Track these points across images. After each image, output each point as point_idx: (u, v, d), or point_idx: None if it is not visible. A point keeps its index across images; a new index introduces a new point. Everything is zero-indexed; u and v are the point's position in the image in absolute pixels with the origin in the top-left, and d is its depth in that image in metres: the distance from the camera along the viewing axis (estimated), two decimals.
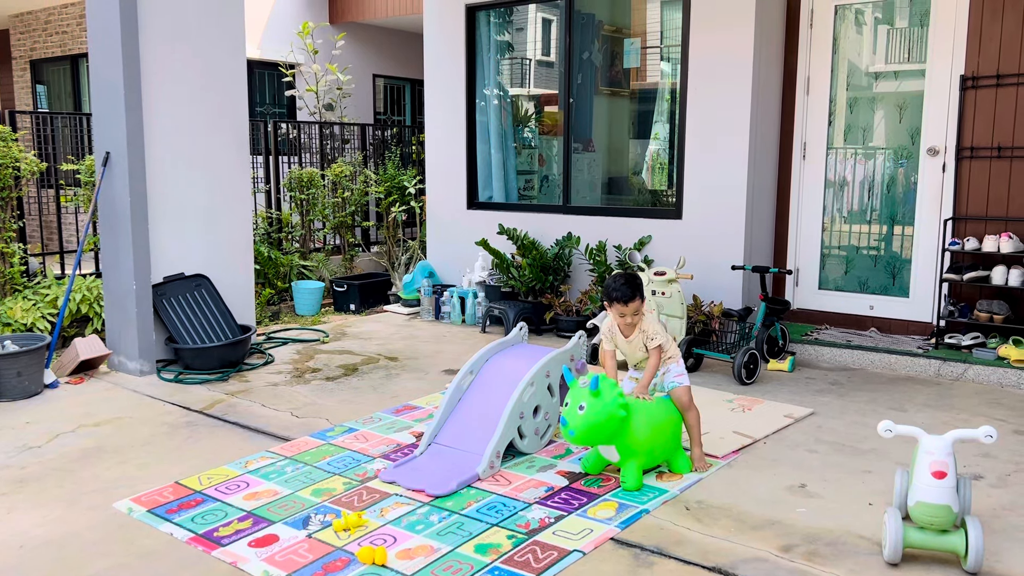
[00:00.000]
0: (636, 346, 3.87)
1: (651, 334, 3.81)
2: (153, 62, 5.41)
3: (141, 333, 5.40)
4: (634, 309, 3.75)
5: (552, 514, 3.33)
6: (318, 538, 3.13)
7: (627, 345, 3.90)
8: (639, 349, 3.87)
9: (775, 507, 3.42)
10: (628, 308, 3.75)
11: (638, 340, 3.84)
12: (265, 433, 4.33)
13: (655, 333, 3.81)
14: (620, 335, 3.89)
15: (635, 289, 3.75)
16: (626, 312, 3.75)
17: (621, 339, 3.89)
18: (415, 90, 13.30)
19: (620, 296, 3.73)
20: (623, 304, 3.74)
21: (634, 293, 3.74)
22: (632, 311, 3.76)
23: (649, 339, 3.81)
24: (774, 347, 5.75)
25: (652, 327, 3.83)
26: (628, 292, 3.74)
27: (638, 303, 3.76)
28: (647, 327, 3.83)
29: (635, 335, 3.84)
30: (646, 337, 3.81)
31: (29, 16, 11.37)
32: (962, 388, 5.18)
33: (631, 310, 3.75)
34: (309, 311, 7.47)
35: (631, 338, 3.85)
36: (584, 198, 7.27)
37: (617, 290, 3.74)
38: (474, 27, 7.61)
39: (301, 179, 8.34)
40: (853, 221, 6.38)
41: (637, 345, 3.86)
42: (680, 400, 3.80)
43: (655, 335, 3.81)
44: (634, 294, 3.74)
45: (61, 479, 3.73)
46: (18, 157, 6.25)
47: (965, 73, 5.70)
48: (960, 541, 2.85)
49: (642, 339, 3.82)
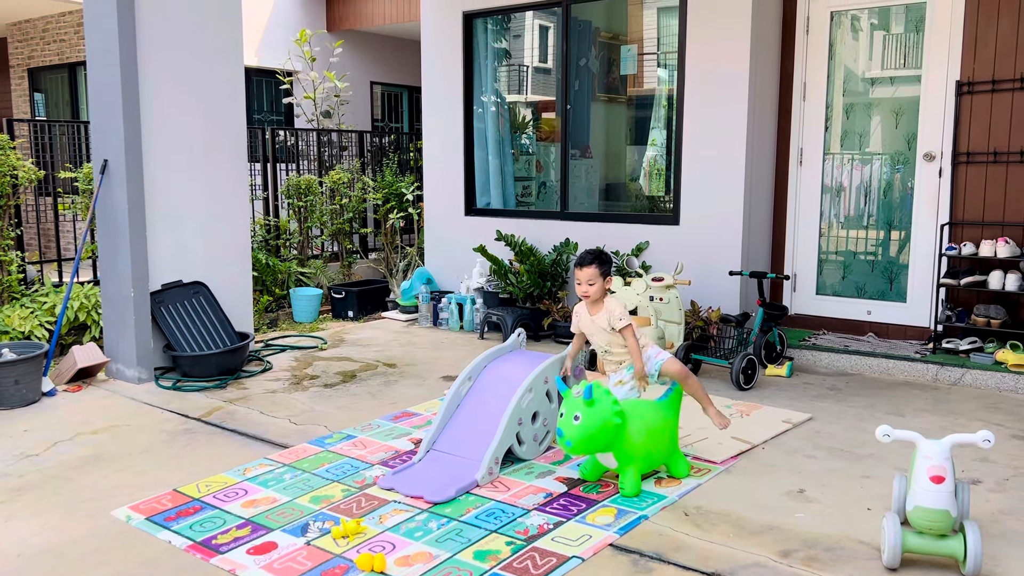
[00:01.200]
0: (599, 325, 3.91)
1: (618, 315, 3.86)
2: (151, 70, 5.42)
3: (139, 340, 5.39)
4: (588, 276, 3.86)
5: (551, 520, 3.33)
6: (317, 545, 3.13)
7: (590, 324, 3.95)
8: (602, 329, 3.91)
9: (774, 512, 3.42)
10: (583, 273, 3.87)
11: (603, 320, 3.89)
12: (263, 440, 4.33)
13: (622, 315, 3.86)
14: (585, 314, 3.96)
15: (595, 258, 3.88)
16: (581, 279, 3.88)
17: (585, 318, 3.97)
18: (412, 97, 13.32)
19: (577, 260, 3.92)
20: (578, 268, 3.90)
21: (592, 260, 3.87)
22: (586, 278, 3.87)
23: (617, 319, 3.85)
24: (772, 352, 5.75)
25: (618, 309, 3.88)
26: (586, 258, 3.89)
27: (593, 270, 3.86)
28: (613, 308, 3.88)
29: (600, 314, 3.90)
30: (613, 318, 3.86)
31: (27, 24, 11.39)
32: (960, 393, 5.18)
33: (585, 276, 3.87)
34: (307, 318, 7.47)
35: (595, 316, 3.91)
36: (582, 204, 7.28)
37: (578, 256, 3.93)
38: (471, 34, 7.63)
39: (299, 186, 8.34)
40: (850, 226, 6.40)
41: (601, 325, 3.90)
42: (674, 373, 3.90)
43: (622, 316, 3.86)
44: (591, 261, 3.87)
45: (59, 487, 3.73)
46: (16, 165, 6.25)
47: (961, 79, 5.72)
48: (959, 546, 2.85)
49: (607, 319, 3.87)
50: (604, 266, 3.89)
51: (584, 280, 3.88)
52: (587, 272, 3.87)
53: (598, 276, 3.87)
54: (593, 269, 3.86)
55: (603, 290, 3.92)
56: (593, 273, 3.86)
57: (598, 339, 3.99)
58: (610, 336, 3.93)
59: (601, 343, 4.00)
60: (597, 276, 3.86)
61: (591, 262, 3.87)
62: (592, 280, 3.86)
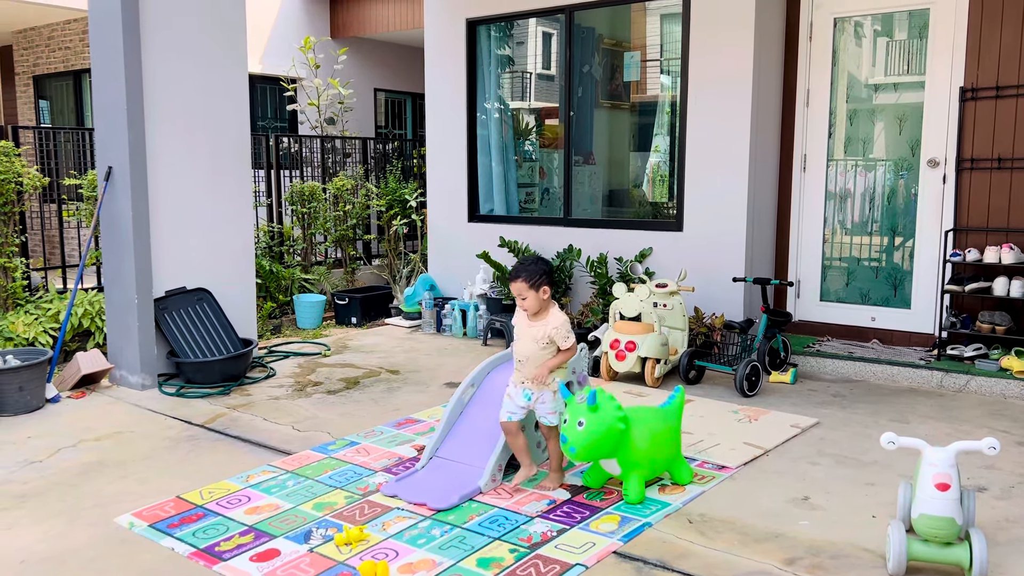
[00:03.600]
0: (532, 335, 3.61)
1: (564, 333, 3.58)
2: (155, 77, 5.44)
3: (143, 347, 5.40)
4: (517, 290, 3.57)
5: (554, 528, 3.32)
6: (319, 552, 3.12)
7: (524, 329, 3.65)
8: (533, 339, 3.60)
9: (778, 520, 3.41)
10: (512, 287, 3.60)
11: (539, 330, 3.58)
12: (266, 447, 4.33)
13: (568, 335, 3.58)
14: (524, 317, 3.68)
15: (522, 271, 3.57)
16: (513, 292, 3.62)
17: (521, 321, 3.68)
18: (416, 104, 13.35)
19: (510, 273, 3.65)
20: (509, 280, 3.63)
21: (518, 274, 3.57)
22: (516, 292, 3.58)
23: (563, 338, 3.58)
24: (776, 359, 5.74)
25: (565, 328, 3.59)
26: (514, 271, 3.61)
27: (520, 284, 3.56)
28: (558, 324, 3.58)
29: (538, 324, 3.60)
30: (558, 335, 3.57)
31: (32, 32, 11.44)
32: (965, 400, 5.16)
33: (515, 291, 3.59)
34: (311, 324, 7.47)
35: (533, 324, 3.62)
36: (585, 210, 7.28)
37: (512, 267, 3.66)
38: (475, 41, 7.65)
39: (303, 193, 8.36)
40: (854, 233, 6.39)
41: (534, 334, 3.60)
42: (545, 432, 3.71)
43: (568, 336, 3.58)
44: (517, 275, 3.57)
45: (62, 494, 3.73)
46: (21, 172, 6.27)
47: (964, 85, 5.72)
48: (964, 554, 2.84)
49: (544, 332, 3.57)
50: (534, 277, 3.55)
51: (515, 294, 3.60)
52: (515, 286, 3.57)
53: (528, 289, 3.55)
54: (520, 283, 3.55)
55: (540, 301, 3.59)
56: (521, 287, 3.55)
57: (523, 346, 3.65)
58: (537, 349, 3.60)
59: (523, 351, 3.65)
60: (526, 289, 3.55)
61: (517, 276, 3.57)
62: (522, 294, 3.56)
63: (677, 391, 3.84)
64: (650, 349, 5.40)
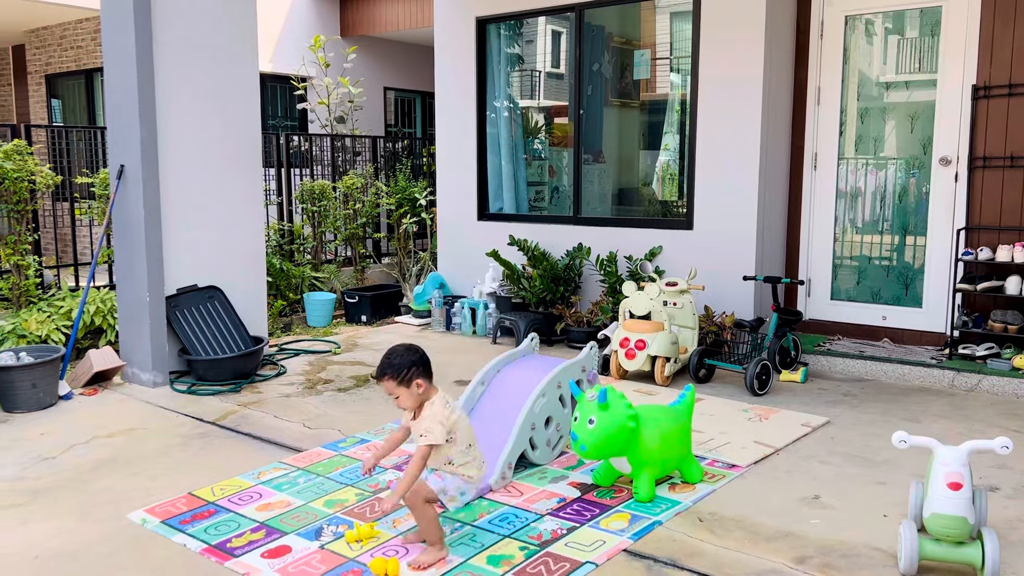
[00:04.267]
0: (416, 430, 3.04)
1: (426, 427, 2.97)
2: (167, 76, 5.46)
3: (154, 345, 5.43)
4: (387, 390, 3.03)
5: (564, 525, 3.32)
6: (330, 549, 3.13)
7: (410, 424, 3.10)
8: (418, 435, 3.02)
9: (789, 519, 3.40)
10: (384, 388, 3.05)
11: (419, 425, 3.01)
12: (277, 444, 4.34)
13: (428, 430, 2.96)
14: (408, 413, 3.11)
15: (387, 369, 3.00)
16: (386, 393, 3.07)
17: (406, 419, 3.14)
18: (426, 102, 13.36)
19: (376, 372, 3.08)
20: (377, 380, 3.11)
21: (383, 373, 3.01)
22: (387, 392, 3.05)
23: (419, 434, 2.97)
24: (786, 358, 5.73)
25: (427, 423, 2.97)
26: (380, 370, 3.04)
27: (389, 384, 3.00)
28: (429, 421, 2.98)
29: (419, 420, 3.03)
30: (420, 427, 2.99)
31: (44, 31, 11.50)
32: (977, 399, 5.14)
33: (386, 390, 3.05)
34: (321, 322, 7.50)
35: (416, 420, 3.05)
36: (594, 209, 7.27)
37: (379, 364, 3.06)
38: (484, 40, 7.65)
39: (313, 191, 8.38)
40: (865, 231, 6.36)
41: (417, 429, 3.03)
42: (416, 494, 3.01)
43: (428, 431, 2.96)
44: (383, 374, 3.01)
45: (75, 490, 3.75)
46: (33, 171, 6.31)
47: (977, 83, 5.69)
48: (976, 553, 2.83)
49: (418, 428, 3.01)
50: (402, 372, 2.98)
51: (387, 394, 3.06)
52: (385, 386, 3.03)
53: (397, 387, 2.99)
54: (388, 382, 3.00)
55: (416, 397, 3.00)
56: (390, 386, 3.01)
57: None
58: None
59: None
60: (395, 387, 2.99)
61: (383, 374, 3.01)
62: (393, 393, 3.02)
63: (687, 390, 3.83)
64: (660, 348, 5.40)
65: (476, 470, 3.10)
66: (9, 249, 6.16)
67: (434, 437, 2.96)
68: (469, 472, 3.07)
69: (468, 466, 3.07)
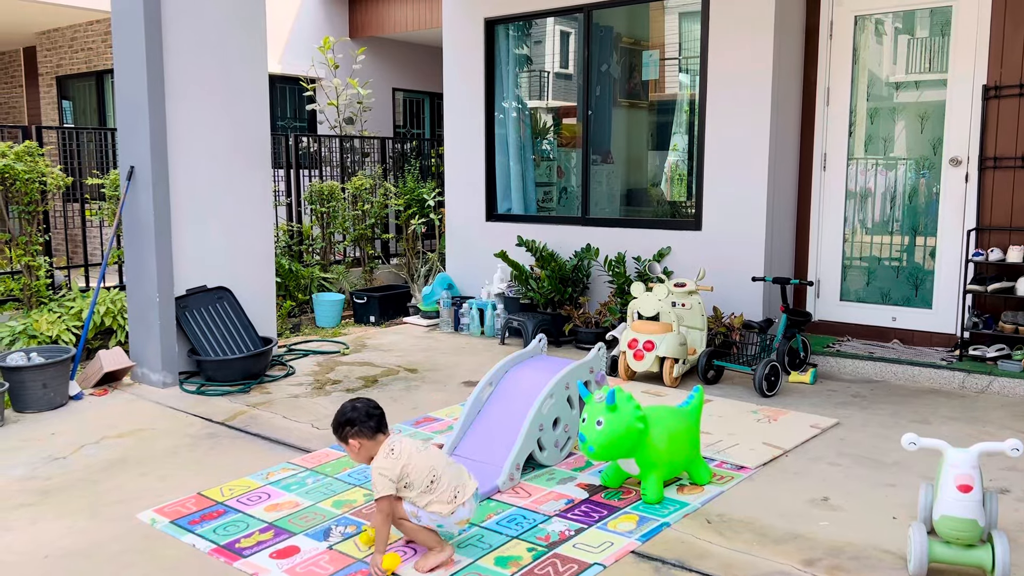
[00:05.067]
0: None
1: (373, 482, 2.92)
2: (177, 78, 5.49)
3: (164, 345, 5.45)
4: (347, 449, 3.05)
5: (572, 527, 3.32)
6: (339, 550, 3.14)
7: None
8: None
9: (797, 520, 3.39)
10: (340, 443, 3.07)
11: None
12: (286, 444, 4.36)
13: (373, 484, 2.92)
14: None
15: (333, 431, 3.04)
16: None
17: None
18: (434, 103, 13.37)
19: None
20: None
21: (335, 432, 3.04)
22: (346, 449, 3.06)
23: (374, 488, 2.92)
24: (795, 359, 5.71)
25: (374, 476, 2.92)
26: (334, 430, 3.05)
27: (340, 445, 3.06)
28: (373, 468, 2.95)
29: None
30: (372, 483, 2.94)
31: (55, 33, 11.57)
32: (987, 400, 5.11)
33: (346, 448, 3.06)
34: (329, 323, 7.51)
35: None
36: (603, 210, 7.27)
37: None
38: (493, 40, 7.65)
39: (322, 192, 8.40)
40: (874, 232, 6.34)
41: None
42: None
43: (374, 486, 2.92)
44: (335, 432, 3.04)
45: (85, 490, 3.77)
46: (44, 172, 6.35)
47: (987, 83, 5.66)
48: (987, 556, 2.81)
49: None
50: (338, 432, 3.02)
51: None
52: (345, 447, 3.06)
53: (345, 446, 3.04)
54: (339, 444, 3.08)
55: (358, 453, 3.02)
56: (342, 446, 3.08)
57: None
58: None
59: None
60: (344, 447, 3.05)
61: (335, 433, 3.05)
62: (347, 452, 3.07)
63: (696, 391, 3.83)
64: (668, 349, 5.39)
65: (445, 505, 2.95)
66: (20, 250, 6.20)
67: (379, 490, 2.90)
68: (437, 509, 2.95)
69: (433, 504, 2.95)
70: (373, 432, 3.01)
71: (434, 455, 3.05)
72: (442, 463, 3.03)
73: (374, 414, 3.03)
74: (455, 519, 2.99)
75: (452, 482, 3.00)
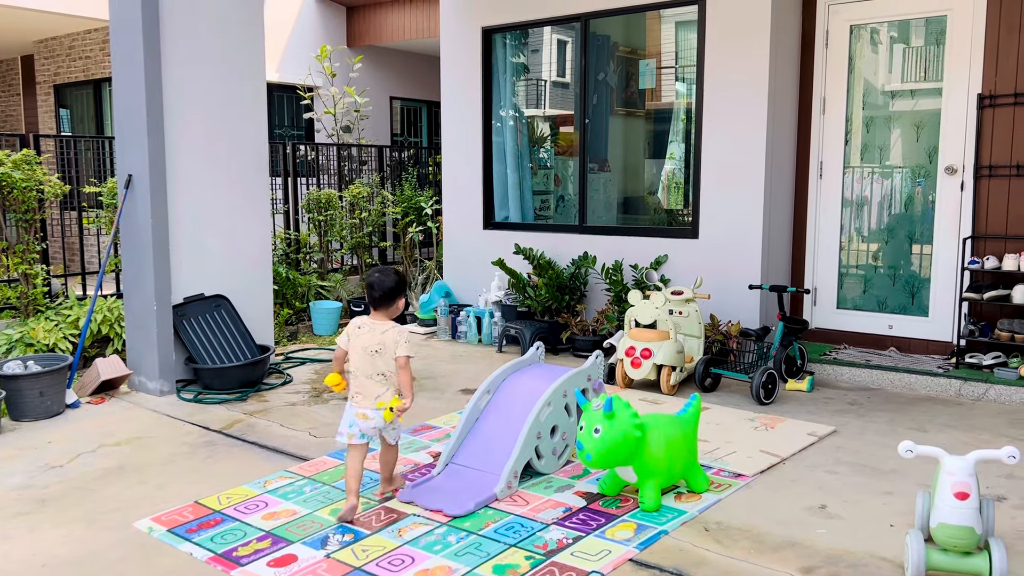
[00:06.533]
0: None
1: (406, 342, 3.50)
2: (175, 86, 5.50)
3: (161, 353, 5.44)
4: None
5: (570, 535, 3.32)
6: (336, 558, 3.13)
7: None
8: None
9: (795, 528, 3.39)
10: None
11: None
12: (283, 453, 4.35)
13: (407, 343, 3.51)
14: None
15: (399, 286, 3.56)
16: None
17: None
18: (432, 112, 13.41)
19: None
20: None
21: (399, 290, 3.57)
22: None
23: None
24: (792, 367, 5.72)
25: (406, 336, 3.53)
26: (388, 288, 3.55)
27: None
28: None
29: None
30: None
31: (53, 41, 11.59)
32: (984, 408, 5.12)
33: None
34: (327, 331, 7.51)
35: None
36: (600, 218, 7.29)
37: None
38: (490, 49, 7.68)
39: (319, 200, 8.41)
40: (871, 240, 6.36)
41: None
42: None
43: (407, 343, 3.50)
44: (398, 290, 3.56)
45: (82, 498, 3.76)
46: (42, 180, 6.35)
47: (982, 91, 5.69)
48: (984, 563, 2.82)
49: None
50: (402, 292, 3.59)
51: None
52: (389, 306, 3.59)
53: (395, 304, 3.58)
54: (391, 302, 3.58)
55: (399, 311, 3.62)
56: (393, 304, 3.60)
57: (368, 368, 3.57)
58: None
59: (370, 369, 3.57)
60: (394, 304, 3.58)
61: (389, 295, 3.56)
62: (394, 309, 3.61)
63: (693, 399, 3.83)
64: (666, 356, 5.40)
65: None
66: (17, 258, 6.20)
67: (409, 351, 3.54)
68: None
69: None
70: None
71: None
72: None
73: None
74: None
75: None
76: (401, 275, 3.62)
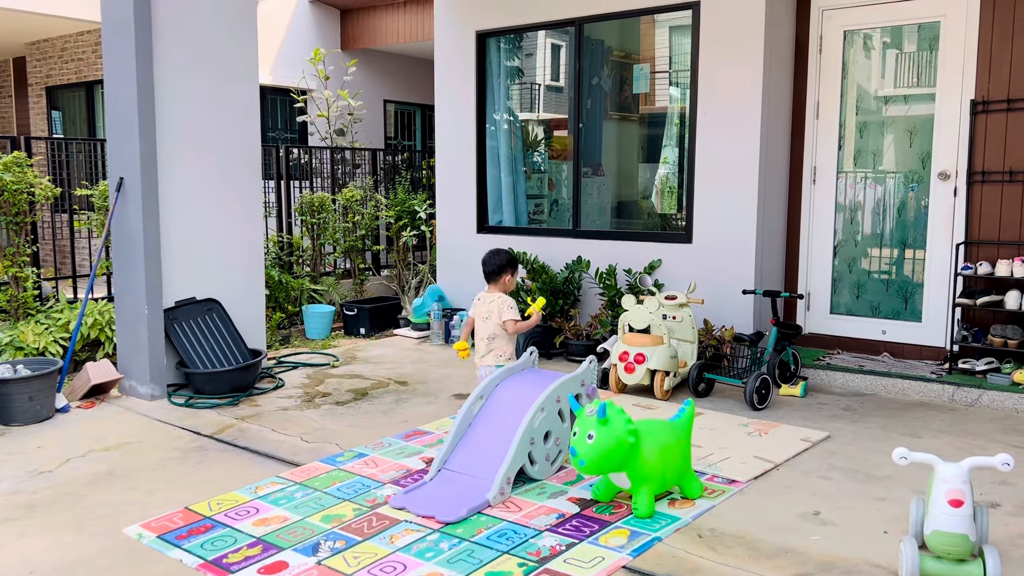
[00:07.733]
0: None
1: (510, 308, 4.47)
2: (167, 88, 5.47)
3: (152, 357, 5.41)
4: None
5: (563, 541, 3.30)
6: (327, 565, 3.11)
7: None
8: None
9: (789, 535, 3.38)
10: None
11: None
12: (275, 458, 4.32)
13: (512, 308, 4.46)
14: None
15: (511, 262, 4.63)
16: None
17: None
18: (425, 115, 13.39)
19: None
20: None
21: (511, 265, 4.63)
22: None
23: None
24: (786, 372, 5.71)
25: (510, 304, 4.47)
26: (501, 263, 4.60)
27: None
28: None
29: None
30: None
31: (45, 43, 11.54)
32: (977, 414, 5.13)
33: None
34: (319, 335, 7.48)
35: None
36: (594, 222, 7.28)
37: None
38: (484, 53, 7.67)
39: (312, 204, 8.38)
40: (864, 245, 6.36)
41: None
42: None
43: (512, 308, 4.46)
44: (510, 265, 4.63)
45: (71, 504, 3.73)
46: (33, 182, 6.31)
47: (976, 97, 5.70)
48: (978, 571, 2.81)
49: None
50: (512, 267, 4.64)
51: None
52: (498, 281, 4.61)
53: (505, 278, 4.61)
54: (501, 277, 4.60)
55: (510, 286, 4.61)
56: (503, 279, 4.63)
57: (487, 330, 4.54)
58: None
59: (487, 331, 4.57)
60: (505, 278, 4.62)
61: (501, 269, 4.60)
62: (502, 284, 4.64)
63: (687, 404, 3.82)
64: (659, 361, 5.39)
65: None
66: (7, 261, 6.16)
67: (515, 315, 4.49)
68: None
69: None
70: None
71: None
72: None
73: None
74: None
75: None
76: (510, 254, 4.57)
